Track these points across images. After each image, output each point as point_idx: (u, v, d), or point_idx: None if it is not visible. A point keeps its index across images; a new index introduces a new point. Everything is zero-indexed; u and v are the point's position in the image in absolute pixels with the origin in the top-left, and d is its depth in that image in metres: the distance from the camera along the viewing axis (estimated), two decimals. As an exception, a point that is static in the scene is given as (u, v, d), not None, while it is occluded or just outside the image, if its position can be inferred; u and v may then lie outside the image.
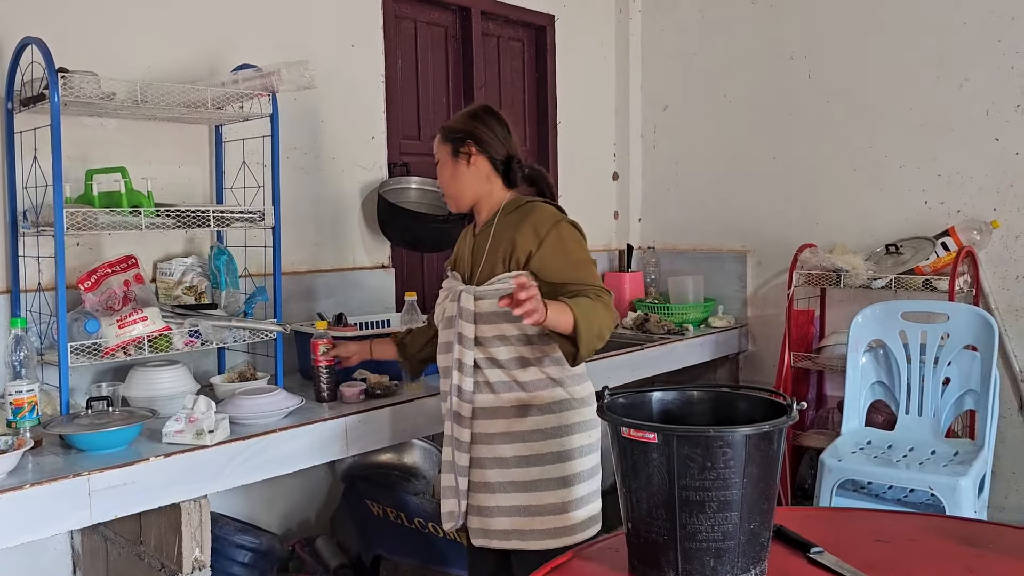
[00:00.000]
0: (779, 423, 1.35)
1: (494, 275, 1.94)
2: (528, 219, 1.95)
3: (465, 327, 1.92)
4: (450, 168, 2.04)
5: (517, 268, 1.92)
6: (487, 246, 1.99)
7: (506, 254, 1.94)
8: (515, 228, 1.95)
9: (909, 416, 2.94)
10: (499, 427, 1.94)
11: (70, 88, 2.04)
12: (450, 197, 2.07)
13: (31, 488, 1.71)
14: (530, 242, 1.92)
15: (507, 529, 1.95)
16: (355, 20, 3.07)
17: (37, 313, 2.25)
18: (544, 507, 1.93)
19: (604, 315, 1.85)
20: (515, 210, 2.01)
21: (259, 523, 2.73)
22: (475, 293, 1.93)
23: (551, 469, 1.93)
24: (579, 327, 1.79)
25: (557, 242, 1.92)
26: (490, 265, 1.96)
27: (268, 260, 2.55)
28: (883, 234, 3.45)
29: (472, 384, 1.94)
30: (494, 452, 1.94)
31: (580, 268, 1.92)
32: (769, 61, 3.77)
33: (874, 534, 1.58)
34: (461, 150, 2.02)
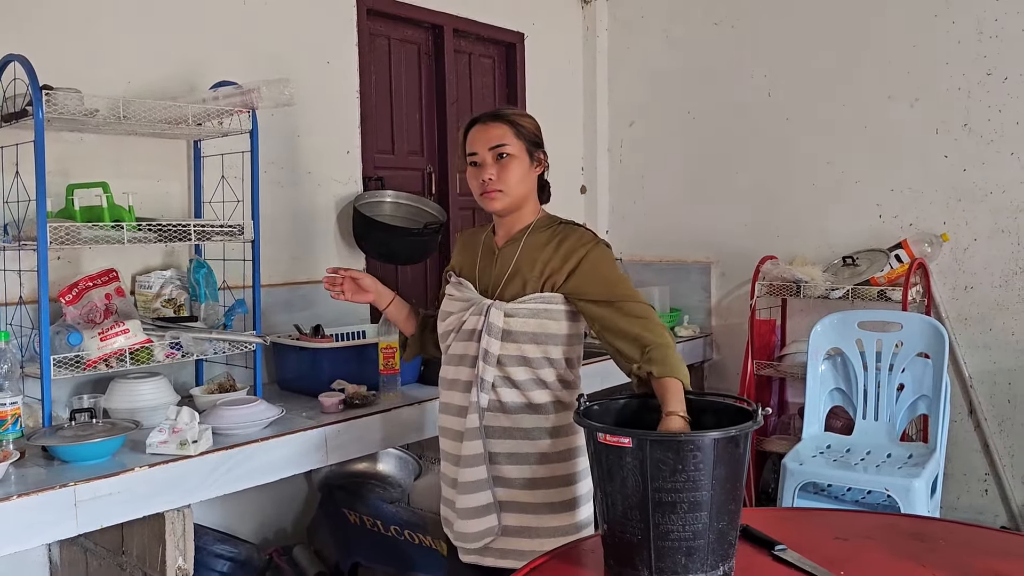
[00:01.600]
0: (746, 427, 1.44)
1: (525, 293, 1.87)
2: (565, 243, 1.89)
3: (492, 343, 1.84)
4: (525, 168, 1.92)
5: (551, 291, 1.86)
6: (514, 261, 1.91)
7: (541, 275, 1.87)
8: (552, 250, 1.88)
9: (866, 421, 3.06)
10: (507, 447, 1.87)
11: (54, 105, 2.08)
12: (508, 195, 1.90)
13: (18, 499, 1.73)
14: (568, 265, 1.86)
15: (505, 548, 1.89)
16: (330, 37, 3.13)
17: (18, 326, 2.26)
18: (544, 529, 1.88)
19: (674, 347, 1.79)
20: (547, 229, 1.94)
21: (236, 533, 2.76)
22: (506, 310, 1.84)
23: (555, 493, 1.88)
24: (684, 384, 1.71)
25: (595, 266, 1.86)
26: (521, 282, 1.88)
27: (246, 272, 2.59)
28: (840, 246, 3.58)
29: (487, 402, 1.86)
30: (498, 472, 1.88)
31: (618, 286, 1.85)
32: (731, 79, 3.90)
33: (833, 532, 1.67)
34: (536, 155, 1.95)
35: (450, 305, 1.95)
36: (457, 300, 1.94)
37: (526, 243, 1.92)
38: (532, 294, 1.86)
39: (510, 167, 1.89)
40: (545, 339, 1.85)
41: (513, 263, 1.90)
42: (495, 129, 1.90)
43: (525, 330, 1.84)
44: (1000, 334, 3.29)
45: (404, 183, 3.43)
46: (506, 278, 1.90)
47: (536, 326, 1.84)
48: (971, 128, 3.31)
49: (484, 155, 1.89)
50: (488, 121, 1.92)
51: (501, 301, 1.86)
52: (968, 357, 3.35)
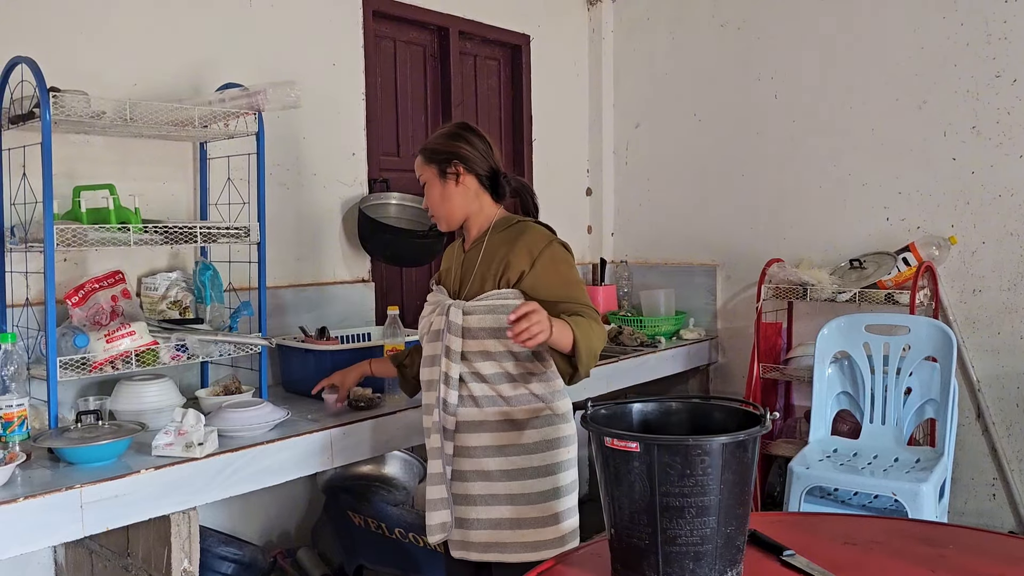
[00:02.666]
0: (754, 432, 1.43)
1: (484, 291, 1.97)
2: (521, 239, 1.98)
3: (453, 340, 1.94)
4: (439, 189, 2.04)
5: (507, 287, 1.96)
6: (477, 262, 2.01)
7: (497, 272, 1.96)
8: (508, 247, 1.98)
9: (873, 425, 3.05)
10: (483, 440, 1.96)
11: (61, 107, 2.08)
12: (440, 218, 2.07)
13: (25, 501, 1.73)
14: (523, 262, 1.95)
15: (488, 542, 1.96)
16: (336, 40, 3.13)
17: (24, 328, 2.27)
18: (525, 520, 1.95)
19: (599, 333, 1.90)
20: (506, 229, 2.03)
21: (240, 535, 2.76)
22: (464, 308, 1.96)
23: (533, 483, 1.95)
24: (578, 347, 1.84)
25: (550, 263, 1.96)
26: (480, 281, 1.98)
27: (252, 275, 2.59)
28: (847, 249, 3.57)
29: (456, 397, 1.96)
30: (477, 465, 1.96)
31: (571, 288, 1.96)
32: (737, 81, 3.89)
33: (842, 537, 1.66)
34: (448, 171, 2.03)
35: (424, 311, 2.09)
36: (429, 304, 2.08)
37: (487, 244, 2.03)
38: (490, 291, 1.96)
39: (430, 194, 2.07)
40: (502, 333, 1.90)
41: (476, 265, 2.01)
42: (418, 163, 2.09)
43: (483, 326, 1.94)
44: (1008, 338, 3.28)
45: (410, 185, 3.39)
46: (471, 279, 2.01)
47: (492, 321, 1.94)
48: (979, 131, 3.30)
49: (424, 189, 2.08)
50: (417, 156, 2.09)
51: (461, 300, 1.98)
52: (976, 361, 3.34)
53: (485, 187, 2.07)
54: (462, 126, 2.10)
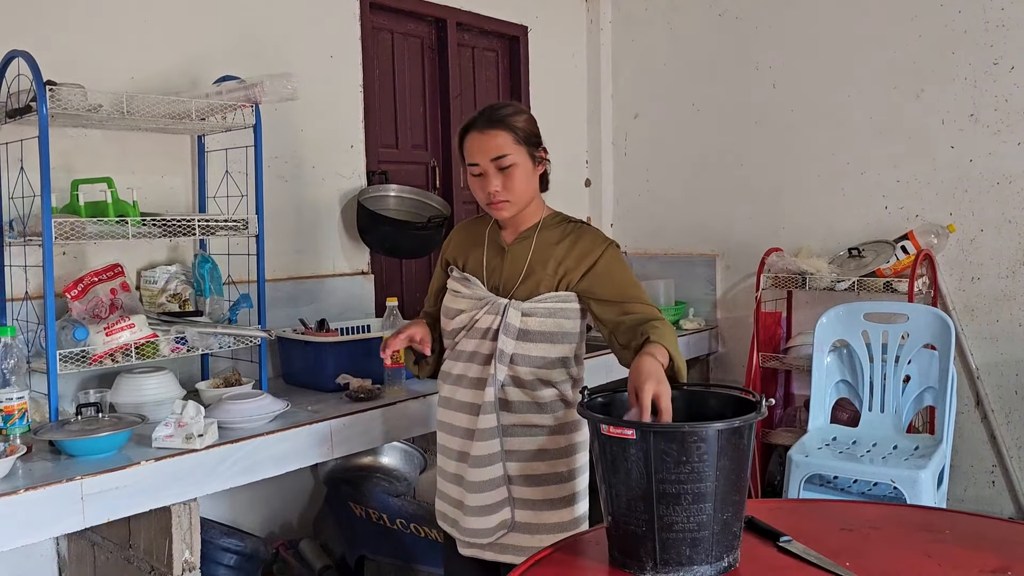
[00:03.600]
0: (749, 418, 1.43)
1: (539, 292, 1.86)
2: (581, 240, 1.89)
3: (507, 343, 1.84)
4: (529, 172, 1.87)
5: (566, 290, 1.86)
6: (528, 260, 1.89)
7: (555, 273, 1.86)
8: (566, 248, 1.88)
9: (872, 413, 3.05)
10: (512, 445, 1.88)
11: (58, 100, 2.08)
12: (516, 203, 1.87)
13: (26, 493, 1.74)
14: (583, 265, 1.86)
15: (504, 544, 1.90)
16: (333, 32, 3.13)
17: (24, 321, 2.27)
18: (544, 526, 1.89)
19: (673, 332, 1.80)
20: (557, 227, 1.93)
21: (242, 526, 2.77)
22: (523, 310, 1.84)
23: (555, 489, 1.89)
24: (675, 363, 1.73)
25: (608, 267, 1.87)
26: (536, 281, 1.87)
27: (251, 267, 2.60)
28: (846, 238, 3.57)
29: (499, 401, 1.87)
30: (501, 471, 1.88)
31: (634, 288, 1.88)
32: (735, 71, 3.89)
33: (839, 523, 1.67)
34: (537, 155, 1.89)
35: (458, 302, 1.92)
36: (466, 297, 1.91)
37: (538, 241, 1.90)
38: (547, 293, 1.85)
39: (515, 176, 1.84)
40: (560, 338, 1.86)
41: (527, 262, 1.88)
42: (494, 139, 1.83)
43: (543, 329, 1.84)
44: (1007, 325, 3.28)
45: (408, 177, 3.43)
46: (521, 277, 1.88)
47: (553, 325, 1.85)
48: (977, 118, 3.29)
49: (486, 166, 1.84)
50: (485, 128, 1.84)
51: (517, 300, 1.85)
52: (975, 348, 3.34)
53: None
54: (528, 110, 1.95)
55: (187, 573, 1.99)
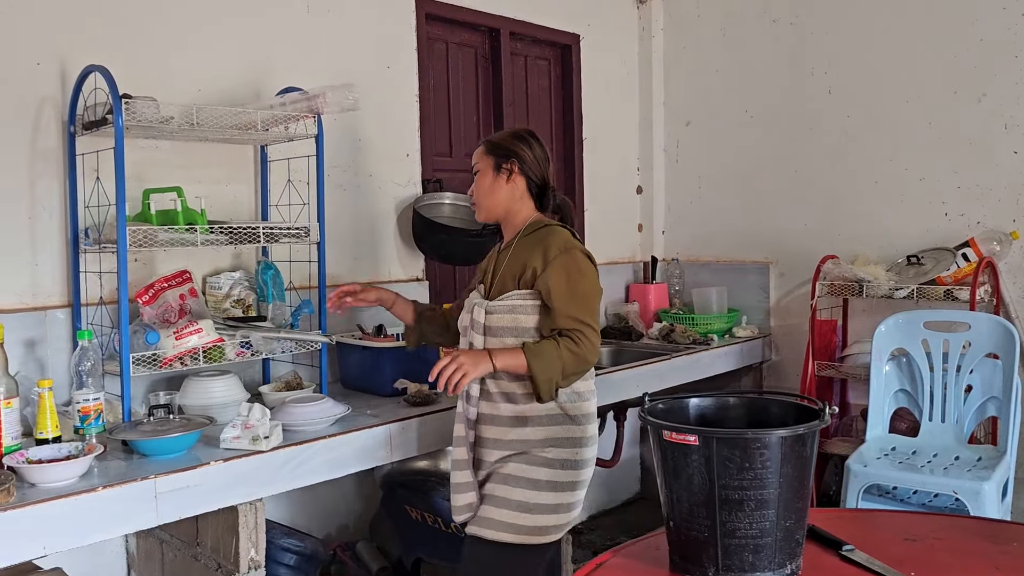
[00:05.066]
0: (813, 426, 1.43)
1: (505, 291, 2.09)
2: (543, 242, 2.07)
3: (476, 338, 2.09)
4: (490, 180, 2.15)
5: (526, 288, 2.07)
6: (505, 263, 2.13)
7: (517, 273, 2.08)
8: (530, 249, 2.08)
9: (932, 423, 3.00)
10: (493, 433, 2.08)
11: (132, 113, 2.16)
12: (480, 207, 2.19)
13: (103, 490, 1.82)
14: (539, 264, 2.04)
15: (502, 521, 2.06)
16: (390, 43, 3.19)
17: (97, 326, 2.36)
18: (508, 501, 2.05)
19: (567, 357, 1.99)
20: (534, 231, 2.13)
21: (301, 527, 2.83)
22: (486, 307, 2.09)
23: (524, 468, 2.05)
24: (533, 373, 1.97)
25: (561, 268, 2.03)
26: (502, 282, 2.11)
27: (311, 273, 2.66)
28: (904, 245, 3.52)
29: (478, 391, 2.09)
30: (488, 455, 2.09)
31: (575, 300, 2.02)
32: (790, 77, 3.86)
33: (902, 533, 1.65)
34: (504, 166, 2.14)
35: (465, 307, 2.21)
36: (466, 302, 2.20)
37: (516, 246, 2.13)
38: (511, 291, 2.08)
39: (478, 181, 2.18)
40: (521, 332, 2.06)
41: (504, 265, 2.12)
42: (475, 153, 2.21)
43: (502, 324, 2.06)
44: (1073, 334, 3.19)
45: (462, 185, 3.45)
46: (497, 279, 2.13)
47: (510, 320, 2.06)
48: (1042, 123, 3.22)
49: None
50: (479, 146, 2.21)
51: (486, 300, 2.11)
52: (1039, 358, 3.26)
53: (532, 194, 2.17)
54: (528, 132, 2.21)
55: (252, 571, 2.05)
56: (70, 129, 2.34)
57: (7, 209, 2.29)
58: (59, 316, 2.36)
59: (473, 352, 2.02)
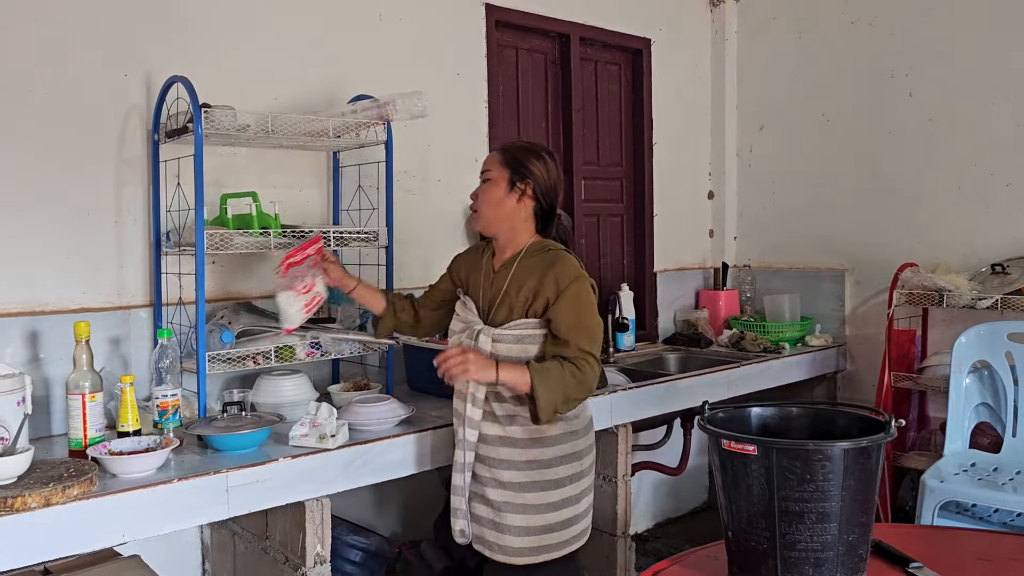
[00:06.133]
0: (877, 439, 1.40)
1: (511, 319, 2.04)
2: (552, 269, 2.03)
3: None
4: (500, 194, 2.08)
5: (535, 317, 2.03)
6: (505, 285, 2.07)
7: (526, 301, 2.03)
8: (538, 276, 2.03)
9: (1016, 439, 2.87)
10: (502, 454, 2.06)
11: (212, 121, 2.26)
12: (482, 216, 2.12)
13: (179, 482, 1.89)
14: (550, 293, 2.01)
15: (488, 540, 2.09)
16: (460, 50, 3.24)
17: (177, 325, 2.47)
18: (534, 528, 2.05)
19: (570, 383, 1.97)
20: (538, 254, 2.08)
21: (368, 525, 2.89)
22: (493, 335, 2.04)
23: (547, 495, 2.05)
24: (536, 394, 1.95)
25: (575, 299, 2.01)
26: (508, 308, 2.06)
27: (380, 277, 2.72)
28: (988, 253, 3.38)
29: (480, 414, 2.07)
30: (495, 476, 2.07)
31: (584, 331, 2.00)
32: (868, 80, 3.75)
33: (975, 553, 1.60)
34: (518, 184, 2.08)
35: (455, 324, 2.16)
36: (460, 320, 2.15)
37: (516, 268, 2.08)
38: (517, 320, 2.04)
39: (487, 190, 2.09)
40: (525, 361, 2.02)
41: (504, 288, 2.07)
42: (489, 158, 2.14)
43: (510, 355, 2.02)
44: None
45: (530, 190, 3.49)
46: (497, 303, 2.08)
47: (519, 351, 2.03)
48: None
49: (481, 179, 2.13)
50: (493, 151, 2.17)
51: (490, 327, 2.05)
52: None
53: (536, 216, 2.13)
54: (548, 151, 2.15)
55: (318, 566, 2.10)
56: (154, 137, 2.45)
57: (96, 214, 2.41)
58: (142, 315, 2.47)
59: (483, 357, 1.99)
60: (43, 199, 2.32)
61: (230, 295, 2.64)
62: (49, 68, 2.31)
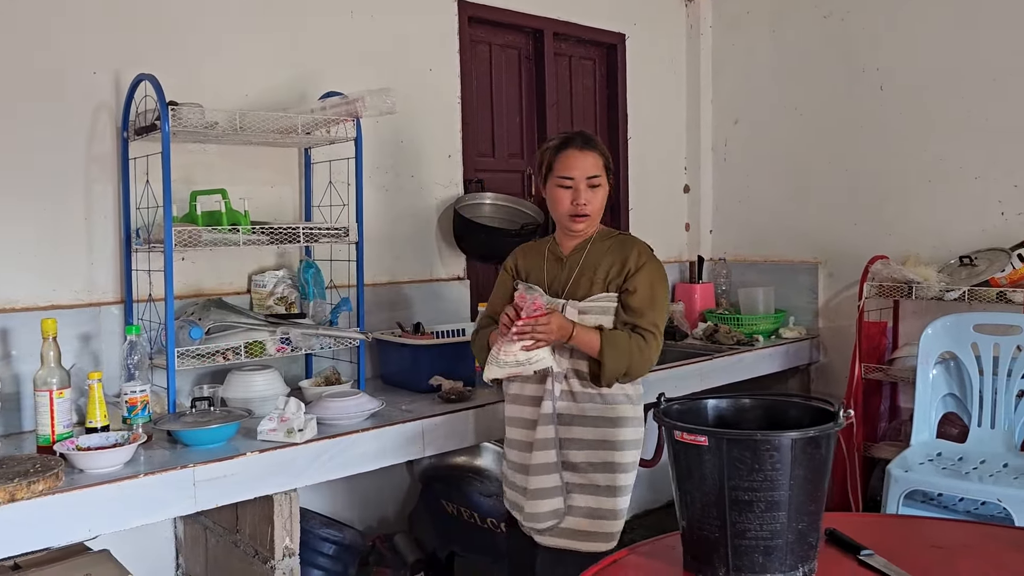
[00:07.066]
0: (825, 429, 1.42)
1: (592, 293, 2.10)
2: (630, 249, 2.13)
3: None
4: (605, 191, 2.15)
5: (615, 291, 2.10)
6: (579, 267, 2.14)
7: (605, 277, 2.10)
8: (616, 255, 2.12)
9: (981, 429, 2.92)
10: (576, 433, 2.09)
11: (179, 119, 2.26)
12: (592, 219, 2.15)
13: (145, 477, 1.91)
14: (632, 266, 2.09)
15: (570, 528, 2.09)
16: (433, 46, 3.24)
17: (147, 321, 2.47)
18: (601, 511, 2.08)
19: (635, 354, 2.03)
20: (610, 238, 2.18)
21: (342, 519, 2.90)
22: (580, 307, 2.09)
23: (618, 477, 2.09)
24: (603, 357, 2.00)
25: (650, 275, 2.10)
26: (588, 283, 2.11)
27: (351, 272, 2.73)
28: (958, 246, 3.42)
29: (559, 392, 2.10)
30: (566, 457, 2.10)
31: (652, 306, 2.08)
32: (841, 74, 3.78)
33: (929, 540, 1.63)
34: (610, 179, 2.17)
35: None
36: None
37: (590, 251, 2.15)
38: (599, 293, 2.10)
39: (599, 196, 2.14)
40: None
41: (579, 267, 2.14)
42: (591, 158, 2.12)
43: (596, 324, 2.06)
44: None
45: (504, 185, 3.51)
46: (573, 279, 2.13)
47: (607, 322, 2.08)
48: (1104, 119, 3.10)
49: (579, 182, 2.11)
50: (584, 148, 2.12)
51: (573, 300, 2.10)
52: (1100, 363, 3.13)
53: None
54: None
55: (287, 558, 2.12)
56: (123, 135, 2.46)
57: (66, 211, 2.41)
58: (113, 312, 2.48)
59: (563, 319, 2.02)
60: (12, 197, 2.32)
61: (202, 292, 2.65)
62: (17, 66, 2.31)
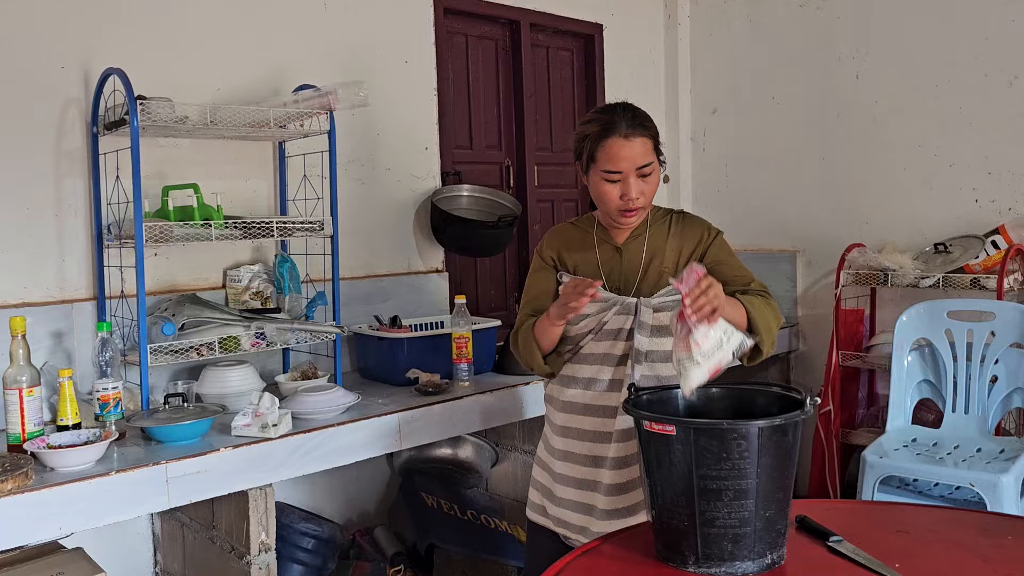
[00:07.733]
0: (792, 417, 1.43)
1: (660, 286, 1.85)
2: (692, 228, 1.89)
3: (642, 341, 1.82)
4: (658, 174, 1.86)
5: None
6: (643, 255, 1.88)
7: (675, 265, 1.85)
8: (678, 238, 1.88)
9: (955, 414, 2.94)
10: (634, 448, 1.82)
11: (148, 113, 2.24)
12: (645, 210, 1.87)
13: (117, 475, 1.90)
14: (700, 247, 1.87)
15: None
16: (408, 38, 3.23)
17: (120, 318, 2.46)
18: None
19: (776, 312, 1.81)
20: (664, 219, 1.91)
21: (322, 513, 2.90)
22: (654, 306, 1.82)
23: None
24: (756, 325, 1.74)
25: (722, 245, 1.89)
26: (656, 274, 1.86)
27: (326, 266, 2.72)
28: (933, 233, 3.44)
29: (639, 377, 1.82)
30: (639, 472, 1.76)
31: (743, 270, 1.88)
32: (817, 63, 3.80)
33: (896, 525, 1.64)
34: (661, 159, 1.88)
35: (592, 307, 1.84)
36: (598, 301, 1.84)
37: (650, 236, 1.88)
38: (668, 286, 1.82)
39: (652, 184, 1.83)
40: None
41: (643, 257, 1.87)
42: (639, 145, 1.79)
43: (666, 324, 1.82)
44: (1109, 324, 3.09)
45: (482, 177, 3.50)
46: (641, 273, 1.87)
47: None
48: (1075, 106, 3.12)
49: (629, 175, 1.79)
50: (631, 135, 1.79)
51: (645, 298, 1.83)
52: (1072, 348, 3.17)
53: None
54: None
55: (263, 553, 2.12)
56: (93, 130, 2.43)
57: (36, 208, 2.39)
58: (85, 309, 2.46)
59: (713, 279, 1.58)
60: (-21, 193, 2.30)
61: (176, 287, 2.63)
62: (-18, 60, 2.29)
